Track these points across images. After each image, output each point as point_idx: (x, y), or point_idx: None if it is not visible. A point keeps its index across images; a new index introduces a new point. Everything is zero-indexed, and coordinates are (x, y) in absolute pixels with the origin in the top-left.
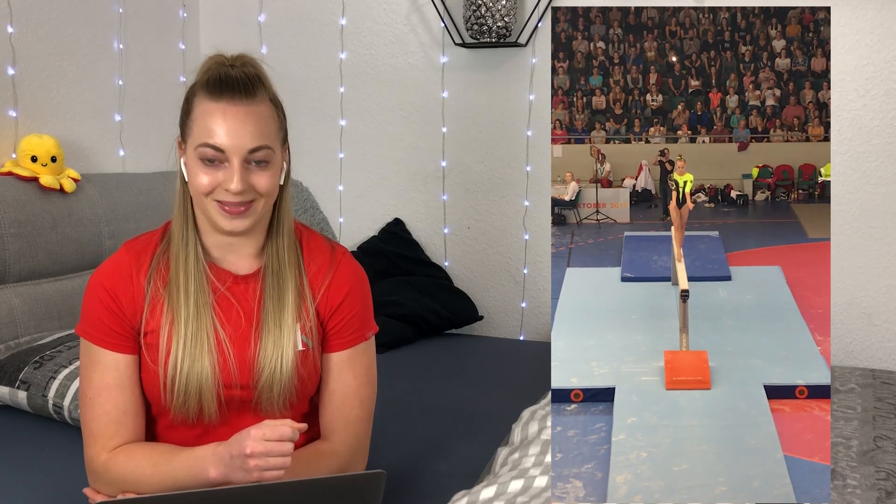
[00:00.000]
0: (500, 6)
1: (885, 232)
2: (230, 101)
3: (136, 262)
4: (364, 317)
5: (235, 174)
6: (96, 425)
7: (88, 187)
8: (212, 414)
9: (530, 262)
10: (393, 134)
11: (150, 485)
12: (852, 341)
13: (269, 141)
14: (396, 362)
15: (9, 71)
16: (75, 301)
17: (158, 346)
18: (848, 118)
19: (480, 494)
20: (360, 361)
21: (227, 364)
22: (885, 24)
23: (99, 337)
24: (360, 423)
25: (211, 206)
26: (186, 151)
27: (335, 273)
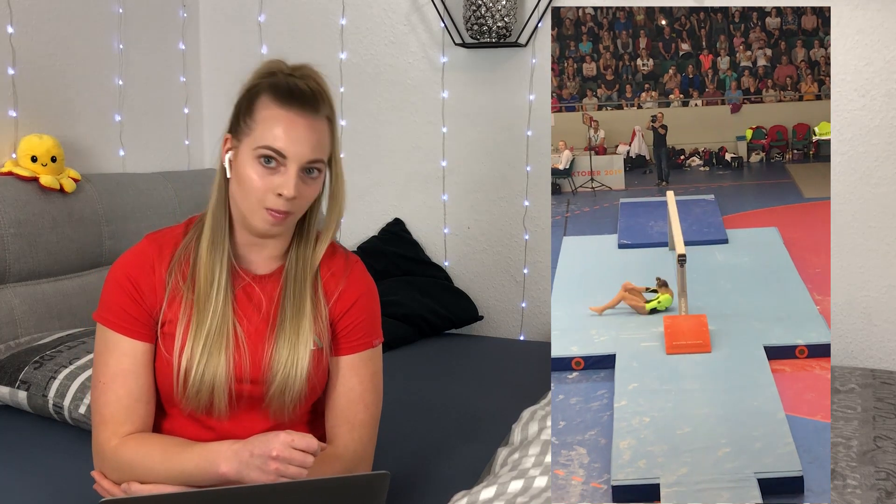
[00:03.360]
0: (500, 6)
1: (885, 232)
2: (298, 111)
3: (159, 253)
4: (372, 324)
5: (292, 180)
6: (108, 410)
7: (88, 187)
8: (221, 408)
9: (530, 262)
10: (393, 134)
11: (159, 474)
12: (852, 341)
13: (324, 155)
14: (396, 362)
15: (9, 71)
16: (75, 301)
17: (175, 337)
18: (848, 118)
19: (480, 494)
20: (365, 367)
21: (241, 360)
22: (885, 24)
23: (117, 323)
24: (364, 427)
25: (257, 209)
26: (241, 150)
27: (348, 279)
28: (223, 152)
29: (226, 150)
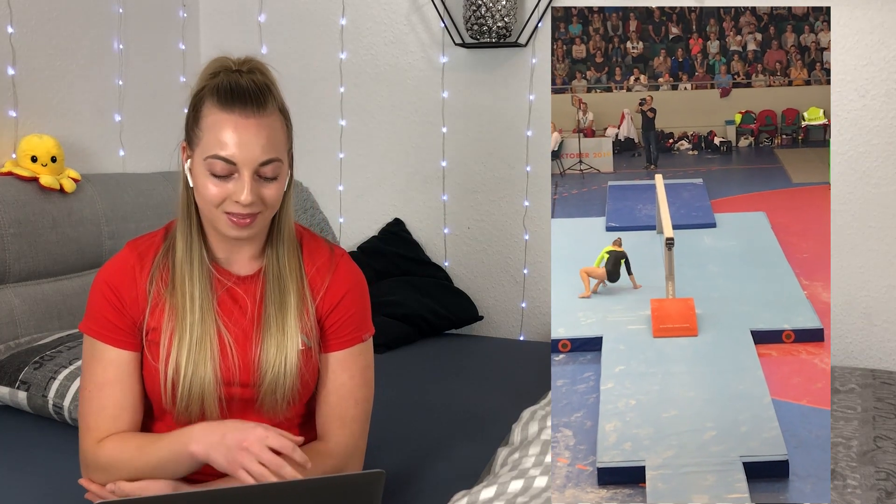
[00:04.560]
0: (500, 6)
1: (885, 232)
2: (241, 112)
3: (140, 262)
4: (361, 318)
5: (246, 186)
6: (93, 419)
7: (88, 187)
8: (213, 416)
9: (530, 262)
10: (393, 134)
11: (136, 467)
12: (852, 341)
13: (278, 153)
14: (396, 362)
15: (9, 71)
16: (75, 301)
17: (160, 345)
18: (848, 118)
19: (480, 494)
20: (356, 362)
21: (229, 364)
22: (885, 24)
23: (102, 332)
24: (355, 423)
25: (219, 216)
26: (194, 159)
27: (334, 274)
28: (182, 161)
29: (184, 158)
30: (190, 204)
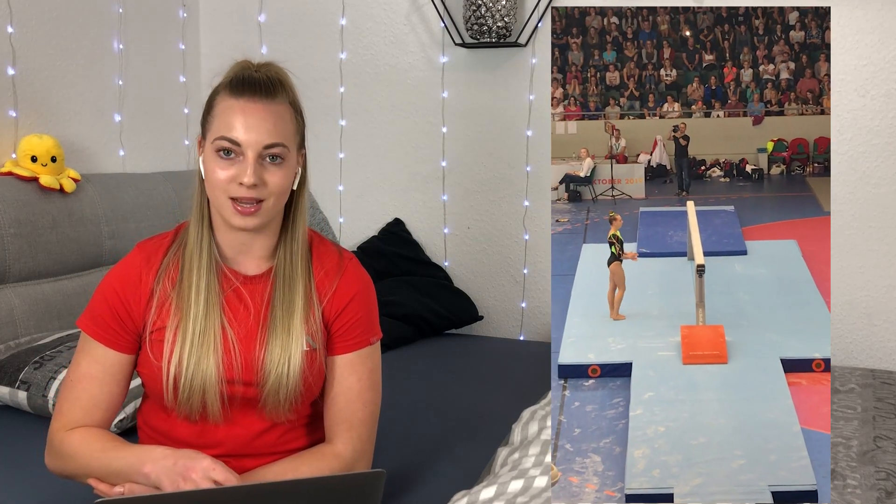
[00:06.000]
0: (500, 6)
1: (885, 232)
2: (250, 98)
3: (147, 263)
4: (369, 322)
5: (249, 167)
6: (67, 406)
7: (88, 187)
8: (215, 412)
9: (530, 262)
10: (393, 134)
11: (94, 467)
12: (852, 341)
13: (284, 139)
14: (396, 362)
15: (9, 71)
16: (75, 301)
17: (164, 342)
18: (848, 118)
19: (480, 494)
20: (363, 365)
21: (231, 361)
22: (885, 24)
23: (97, 332)
24: (363, 426)
25: (225, 203)
26: (205, 147)
27: (342, 277)
28: (197, 155)
29: (199, 152)
30: (203, 200)
